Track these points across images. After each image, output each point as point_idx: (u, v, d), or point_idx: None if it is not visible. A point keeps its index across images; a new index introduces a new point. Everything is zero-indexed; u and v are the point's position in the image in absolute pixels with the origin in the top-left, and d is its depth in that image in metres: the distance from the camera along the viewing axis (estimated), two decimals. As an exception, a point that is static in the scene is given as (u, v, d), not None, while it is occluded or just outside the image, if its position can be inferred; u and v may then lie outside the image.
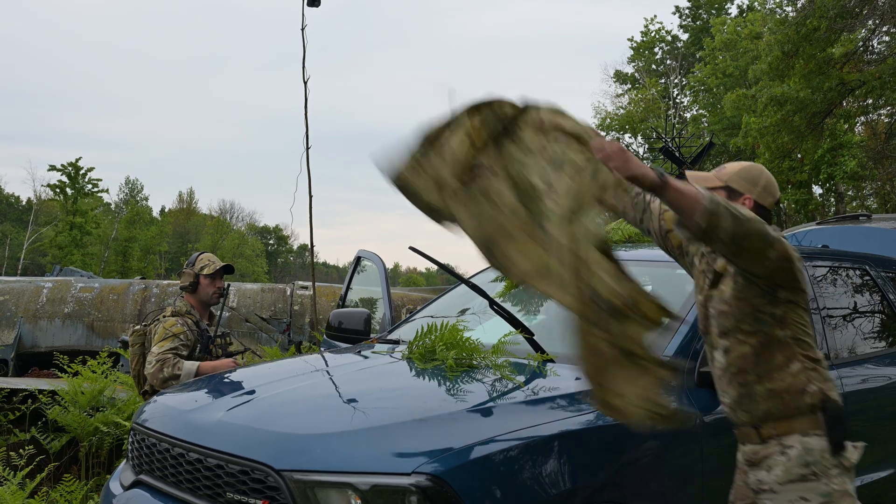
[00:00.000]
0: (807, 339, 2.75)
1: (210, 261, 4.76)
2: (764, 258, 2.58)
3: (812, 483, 2.65)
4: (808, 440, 2.68)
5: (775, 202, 2.98)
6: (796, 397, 2.71)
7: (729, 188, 2.93)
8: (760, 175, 2.95)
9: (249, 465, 2.68)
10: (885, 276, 4.85)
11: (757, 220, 2.52)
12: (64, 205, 45.69)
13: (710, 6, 37.38)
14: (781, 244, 2.59)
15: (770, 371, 2.74)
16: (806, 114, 17.18)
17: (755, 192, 2.92)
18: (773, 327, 2.74)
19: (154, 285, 11.21)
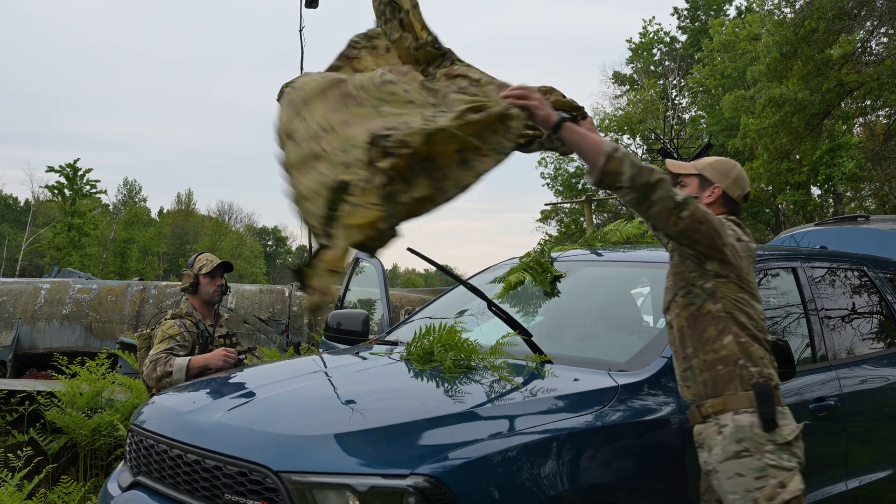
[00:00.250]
0: (742, 316, 2.86)
1: (208, 260, 4.81)
2: (674, 217, 2.75)
3: (746, 459, 2.76)
4: (739, 417, 2.79)
5: (744, 196, 3.17)
6: (730, 371, 2.82)
7: (701, 176, 3.16)
8: (732, 168, 3.17)
9: (247, 467, 2.68)
10: (884, 277, 4.85)
11: (665, 179, 2.73)
12: (62, 206, 45.68)
13: (708, 7, 37.41)
14: (695, 207, 2.77)
15: (703, 343, 2.87)
16: (804, 115, 17.20)
17: (725, 183, 3.13)
18: (706, 301, 2.88)
19: (152, 286, 11.19)
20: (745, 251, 2.95)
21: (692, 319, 2.91)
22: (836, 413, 3.87)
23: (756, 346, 2.86)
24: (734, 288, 2.88)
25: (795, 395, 3.72)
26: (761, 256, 4.07)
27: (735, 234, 2.94)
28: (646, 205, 2.74)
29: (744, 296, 2.89)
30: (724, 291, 2.87)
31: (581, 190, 36.65)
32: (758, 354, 2.85)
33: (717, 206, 3.11)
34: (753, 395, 2.79)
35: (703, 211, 2.80)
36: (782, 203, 27.36)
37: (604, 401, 3.04)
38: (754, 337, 2.87)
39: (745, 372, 2.81)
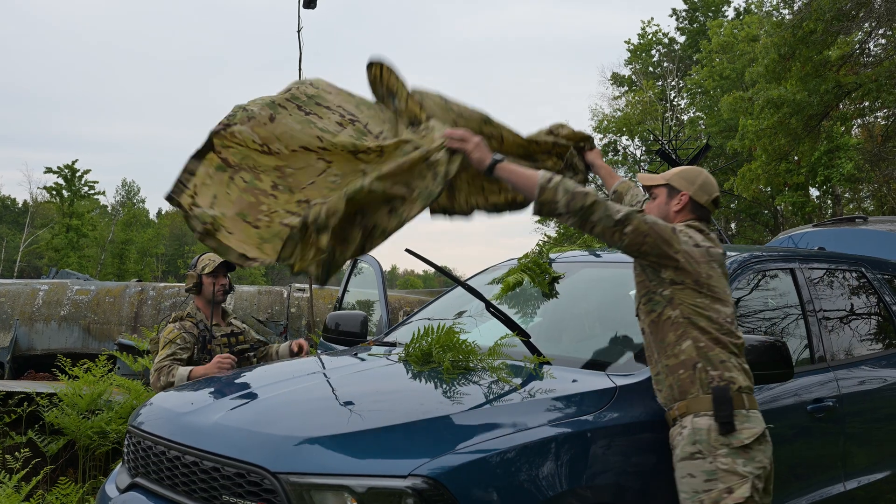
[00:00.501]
0: (702, 321, 2.95)
1: (210, 260, 4.83)
2: (617, 233, 2.92)
3: (699, 461, 2.84)
4: (698, 420, 2.86)
5: (712, 201, 3.25)
6: (690, 375, 2.91)
7: (669, 186, 3.27)
8: (698, 175, 3.27)
9: (245, 468, 2.68)
10: (882, 278, 4.85)
11: (600, 200, 2.90)
12: (60, 207, 45.67)
13: (706, 9, 37.42)
14: (639, 222, 2.91)
15: (665, 348, 2.99)
16: (802, 116, 17.21)
17: (691, 190, 3.22)
18: (665, 307, 3.00)
19: (150, 288, 11.18)
20: (704, 256, 3.02)
21: (654, 326, 3.03)
22: (835, 414, 3.87)
23: (717, 349, 2.93)
24: (691, 293, 2.97)
25: (794, 396, 3.73)
26: (759, 258, 4.08)
27: (692, 241, 3.03)
28: (588, 226, 2.93)
29: (703, 300, 2.97)
30: (681, 297, 2.97)
31: (579, 191, 36.58)
32: (719, 358, 2.91)
33: (686, 213, 3.21)
34: (711, 398, 2.86)
35: (647, 224, 2.93)
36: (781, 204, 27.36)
37: (602, 402, 3.04)
38: (716, 340, 2.93)
39: (704, 375, 2.89)
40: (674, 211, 3.22)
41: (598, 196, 2.91)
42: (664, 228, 2.97)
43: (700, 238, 3.07)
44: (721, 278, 3.05)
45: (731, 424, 2.83)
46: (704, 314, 2.95)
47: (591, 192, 2.92)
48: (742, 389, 2.90)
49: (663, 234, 2.95)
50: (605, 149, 37.89)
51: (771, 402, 3.59)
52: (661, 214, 3.23)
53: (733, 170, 25.38)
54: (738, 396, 2.88)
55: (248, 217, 3.05)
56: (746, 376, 2.96)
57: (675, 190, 3.24)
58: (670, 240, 2.96)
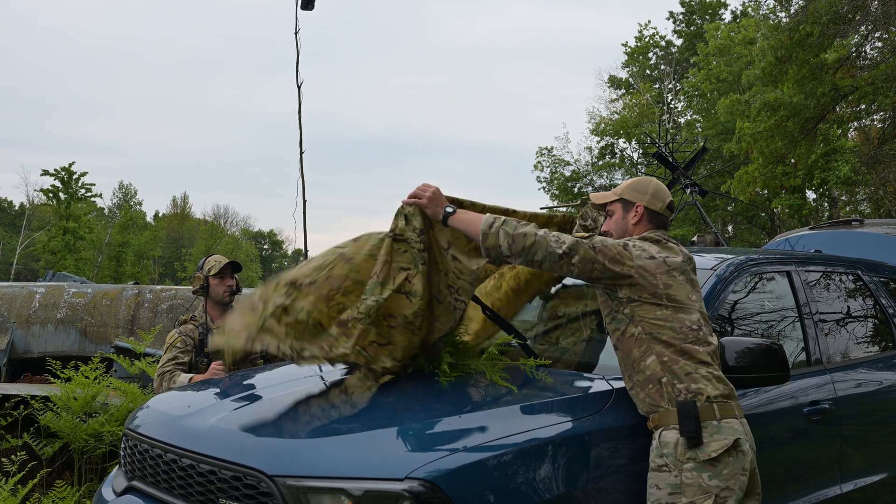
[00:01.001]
0: (665, 334, 2.96)
1: (216, 261, 4.85)
2: (565, 266, 2.96)
3: (664, 474, 2.87)
4: (666, 433, 2.89)
5: (667, 206, 3.29)
6: (658, 389, 2.93)
7: (622, 199, 3.32)
8: (648, 184, 3.32)
9: (242, 471, 2.68)
10: (878, 280, 4.86)
11: (540, 239, 2.93)
12: (57, 209, 45.58)
13: (703, 12, 37.51)
14: (584, 251, 2.94)
15: (631, 364, 3.02)
16: (799, 119, 17.24)
17: (645, 199, 3.27)
18: (627, 325, 3.03)
19: (147, 290, 11.16)
20: (661, 266, 3.03)
21: (620, 343, 3.06)
22: (831, 416, 3.87)
23: (682, 361, 2.93)
24: (650, 308, 2.99)
25: (790, 399, 3.73)
26: (756, 260, 4.08)
27: (646, 253, 3.04)
28: (535, 264, 2.98)
29: (663, 312, 2.98)
30: (640, 314, 2.99)
31: (577, 194, 36.68)
32: (684, 370, 2.92)
33: (644, 223, 3.25)
34: (676, 412, 2.87)
35: (595, 250, 2.96)
36: (777, 207, 27.43)
37: (599, 405, 3.04)
38: (681, 351, 2.94)
39: (670, 389, 2.91)
40: (632, 224, 3.27)
41: (536, 234, 2.94)
42: (612, 249, 3.00)
43: (655, 249, 3.08)
44: (682, 286, 3.05)
45: (698, 438, 2.83)
46: (666, 326, 2.97)
47: (530, 231, 2.94)
48: (712, 399, 2.88)
49: (611, 254, 2.98)
50: (602, 151, 37.95)
51: (767, 405, 3.60)
52: (621, 229, 3.28)
53: (730, 172, 25.42)
54: (708, 408, 2.87)
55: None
56: (719, 384, 2.94)
57: (630, 203, 3.29)
58: (621, 258, 2.99)
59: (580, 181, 38.11)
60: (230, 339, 3.10)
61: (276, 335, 3.11)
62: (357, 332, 3.08)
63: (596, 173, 38.26)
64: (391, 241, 3.13)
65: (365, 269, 3.16)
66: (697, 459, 2.82)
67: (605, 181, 38.60)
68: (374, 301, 3.03)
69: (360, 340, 3.09)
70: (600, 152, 38.10)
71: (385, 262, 3.11)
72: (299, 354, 3.14)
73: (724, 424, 2.87)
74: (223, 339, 3.04)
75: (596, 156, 38.23)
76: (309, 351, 3.13)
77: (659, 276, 3.01)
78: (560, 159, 38.35)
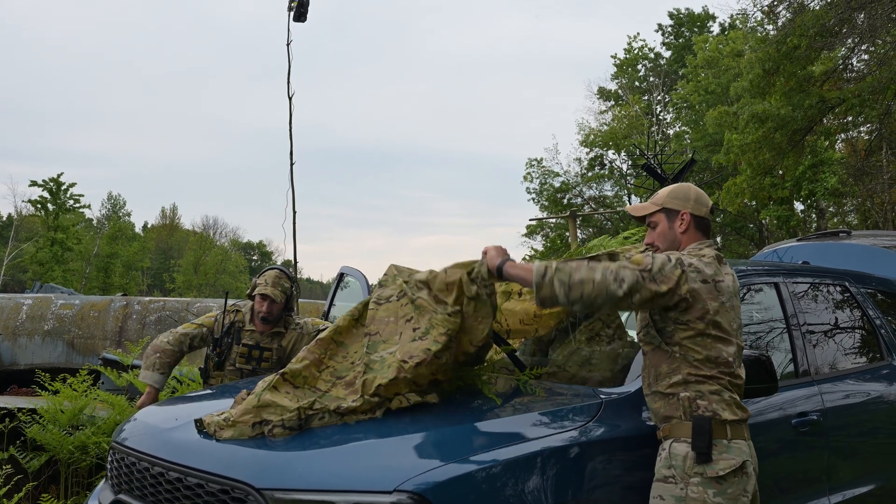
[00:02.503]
0: (698, 359, 2.91)
1: (262, 282, 4.80)
2: (625, 304, 2.89)
3: (670, 485, 2.87)
4: (676, 445, 2.89)
5: (710, 210, 3.22)
6: (676, 402, 2.92)
7: (665, 209, 3.20)
8: (689, 190, 3.22)
9: (230, 484, 2.66)
10: (865, 292, 4.88)
11: (596, 282, 2.82)
12: (45, 220, 45.33)
13: (692, 24, 37.78)
14: (644, 290, 2.84)
15: (657, 377, 3.00)
16: (787, 131, 17.34)
17: (689, 206, 3.17)
18: (662, 342, 2.98)
19: (136, 302, 11.12)
20: (713, 292, 2.93)
21: (651, 353, 3.04)
22: (819, 428, 3.88)
23: (708, 384, 2.91)
24: (692, 333, 2.92)
25: (778, 410, 3.74)
26: (744, 272, 4.10)
27: (700, 276, 2.93)
28: (595, 310, 2.98)
29: (704, 340, 2.93)
30: (681, 336, 2.94)
31: (566, 205, 36.77)
32: (709, 389, 2.90)
33: (692, 231, 3.16)
34: (691, 426, 2.86)
35: (654, 284, 2.85)
36: (766, 218, 27.56)
37: (588, 416, 3.04)
38: (710, 377, 2.91)
39: (689, 404, 2.90)
40: (679, 233, 3.16)
41: (594, 280, 2.82)
42: (671, 276, 2.88)
43: (710, 271, 2.97)
44: (728, 312, 2.98)
45: (708, 455, 2.83)
46: (703, 353, 2.92)
47: (587, 277, 2.83)
48: (727, 422, 2.88)
49: (671, 283, 2.87)
50: (591, 162, 38.08)
51: (756, 416, 3.60)
52: (668, 240, 3.17)
53: (718, 184, 25.55)
54: (721, 427, 2.87)
55: None
56: (738, 410, 2.93)
57: (674, 211, 3.18)
58: (678, 284, 2.88)
59: (569, 192, 38.21)
60: (238, 431, 3.03)
61: (279, 405, 3.06)
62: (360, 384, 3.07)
63: (585, 184, 38.38)
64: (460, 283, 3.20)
65: (345, 331, 3.30)
66: (705, 475, 2.82)
67: (595, 192, 38.74)
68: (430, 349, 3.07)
69: (365, 390, 3.06)
70: (589, 163, 38.23)
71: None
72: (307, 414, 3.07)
73: (734, 445, 2.87)
74: (231, 432, 2.99)
75: (585, 167, 38.36)
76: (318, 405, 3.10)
77: (709, 302, 2.92)
78: (549, 170, 38.46)
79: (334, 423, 2.94)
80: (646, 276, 2.85)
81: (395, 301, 3.31)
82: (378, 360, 3.09)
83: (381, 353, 3.13)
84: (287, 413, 2.94)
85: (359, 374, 3.08)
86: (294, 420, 2.93)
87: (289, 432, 2.90)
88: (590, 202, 38.81)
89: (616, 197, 38.89)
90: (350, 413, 2.97)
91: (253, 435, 2.90)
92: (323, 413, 2.97)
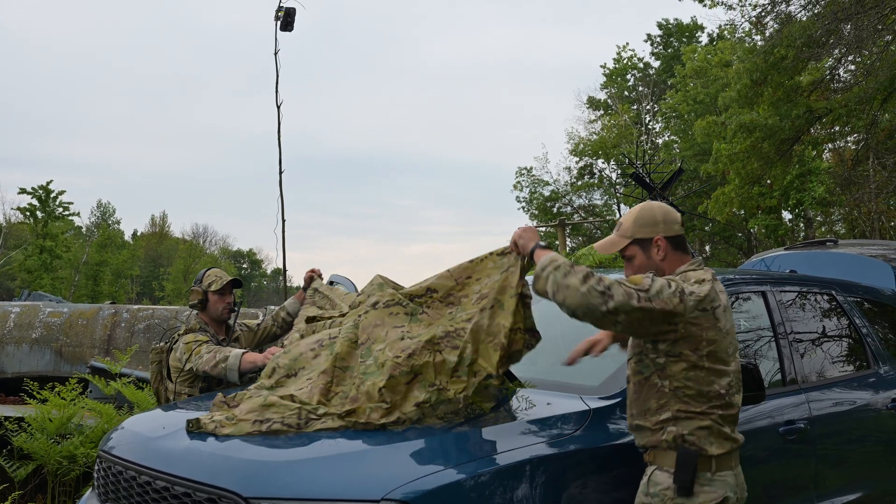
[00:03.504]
0: (690, 395, 2.79)
1: (217, 276, 4.66)
2: (609, 322, 2.70)
3: None
4: (658, 473, 2.81)
5: (681, 224, 3.05)
6: (662, 433, 2.82)
7: (636, 240, 3.01)
8: (655, 212, 3.02)
9: (217, 493, 2.65)
10: (852, 300, 4.91)
11: (581, 292, 2.65)
12: (34, 228, 45.13)
13: (680, 34, 37.98)
14: (630, 309, 2.65)
15: (645, 412, 2.88)
16: (774, 140, 17.43)
17: (661, 230, 2.99)
18: (653, 374, 2.85)
19: (124, 310, 11.07)
20: (710, 320, 2.80)
21: (639, 386, 2.90)
22: (806, 436, 3.90)
23: (697, 420, 2.78)
24: (685, 366, 2.78)
25: (766, 418, 3.75)
26: (732, 280, 4.11)
27: (700, 304, 2.78)
28: (578, 318, 2.73)
29: (698, 374, 2.79)
30: (673, 370, 2.80)
31: (556, 214, 36.85)
32: (697, 425, 2.79)
33: (672, 254, 2.98)
34: (675, 456, 2.78)
35: (648, 304, 2.68)
36: (754, 227, 27.68)
37: (577, 425, 3.04)
38: (702, 414, 2.79)
39: (675, 437, 2.80)
40: (659, 261, 2.98)
41: (580, 289, 2.66)
42: (669, 301, 2.72)
43: (705, 291, 2.81)
44: (726, 337, 2.85)
45: (689, 489, 2.74)
46: (695, 388, 2.79)
47: (575, 283, 2.68)
48: (714, 456, 2.78)
49: (668, 307, 2.72)
50: (580, 172, 38.21)
51: (743, 424, 3.60)
52: (650, 271, 2.95)
53: (707, 193, 25.66)
54: (706, 461, 2.77)
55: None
56: (726, 443, 2.82)
57: (647, 240, 3.00)
58: (673, 311, 2.73)
59: (559, 201, 38.32)
60: (238, 428, 3.02)
61: (284, 405, 3.05)
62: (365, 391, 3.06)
63: (575, 193, 38.50)
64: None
65: (347, 355, 3.25)
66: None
67: (584, 201, 38.84)
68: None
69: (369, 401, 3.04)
70: (579, 172, 38.37)
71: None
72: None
73: (718, 478, 2.78)
74: (231, 429, 2.96)
75: (575, 176, 38.50)
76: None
77: (705, 331, 2.78)
78: (539, 179, 38.58)
79: (334, 427, 2.93)
80: (642, 297, 2.68)
81: (383, 308, 3.32)
82: (372, 363, 3.09)
83: (373, 356, 3.12)
84: (288, 411, 2.95)
85: (358, 385, 3.07)
86: (294, 418, 2.93)
87: (287, 430, 2.90)
88: (579, 211, 38.93)
89: (605, 206, 39.04)
90: (351, 415, 2.96)
91: (251, 431, 2.90)
92: (325, 417, 2.96)
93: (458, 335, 3.13)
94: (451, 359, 3.05)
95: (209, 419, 3.00)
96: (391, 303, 3.32)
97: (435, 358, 3.06)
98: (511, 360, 3.21)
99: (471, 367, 3.07)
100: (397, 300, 3.33)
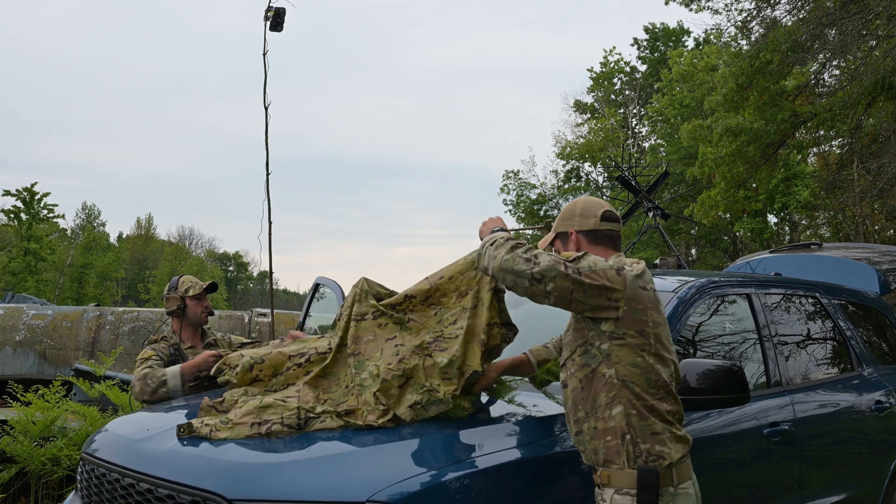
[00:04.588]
0: (638, 385, 2.66)
1: (192, 282, 4.71)
2: (539, 293, 2.64)
3: None
4: (619, 498, 2.62)
5: (602, 219, 2.96)
6: (617, 444, 2.64)
7: (558, 234, 3.04)
8: (575, 206, 3.04)
9: (201, 495, 2.64)
10: (836, 303, 4.94)
11: (507, 256, 2.67)
12: (18, 230, 44.81)
13: (667, 39, 38.11)
14: (562, 278, 2.60)
15: (595, 409, 2.71)
16: (760, 144, 17.52)
17: (574, 224, 2.98)
18: (601, 363, 2.70)
19: (109, 312, 11.01)
20: (652, 301, 2.74)
21: (586, 381, 2.74)
22: (791, 438, 3.91)
23: (651, 418, 2.64)
24: (630, 351, 2.67)
25: (750, 420, 3.77)
26: (717, 283, 4.13)
27: (640, 280, 2.73)
28: (511, 288, 2.72)
29: (643, 359, 2.67)
30: (619, 355, 2.67)
31: (543, 217, 36.89)
32: (651, 429, 2.64)
33: (591, 248, 2.92)
34: (636, 476, 2.61)
35: (577, 276, 2.62)
36: (740, 230, 27.79)
37: (562, 427, 3.04)
38: (650, 408, 2.65)
39: (632, 448, 2.63)
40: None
41: (506, 255, 2.67)
42: (601, 274, 2.65)
43: (642, 270, 2.76)
44: (666, 326, 2.77)
45: None
46: (643, 377, 2.66)
47: (502, 252, 2.69)
48: (674, 464, 2.64)
49: (600, 281, 2.65)
50: (567, 175, 38.28)
51: (728, 426, 3.63)
52: None
53: (693, 196, 25.74)
54: (667, 473, 2.62)
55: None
56: (679, 444, 2.68)
57: (565, 234, 2.99)
58: (611, 285, 2.66)
59: (546, 204, 38.35)
60: (236, 432, 3.01)
61: (281, 406, 3.05)
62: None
63: (562, 196, 38.53)
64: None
65: (332, 362, 3.30)
66: None
67: (571, 204, 38.77)
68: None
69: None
70: (566, 175, 38.42)
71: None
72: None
73: (681, 491, 2.65)
74: (228, 433, 2.94)
75: (561, 179, 38.54)
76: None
77: (649, 311, 2.71)
78: (526, 182, 38.60)
79: (333, 427, 2.94)
80: (569, 267, 2.63)
81: (372, 320, 3.34)
82: (367, 376, 3.12)
83: (367, 370, 3.16)
84: (287, 412, 2.95)
85: (357, 395, 3.09)
86: (293, 418, 2.93)
87: (287, 430, 2.90)
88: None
89: (592, 209, 38.94)
90: (350, 415, 2.99)
91: (250, 434, 2.89)
92: (324, 416, 2.97)
93: (447, 338, 3.15)
94: (440, 360, 3.07)
95: (201, 424, 2.98)
96: (378, 314, 3.34)
97: (425, 362, 3.09)
98: (491, 356, 3.21)
99: (460, 367, 3.08)
100: (381, 311, 3.35)
